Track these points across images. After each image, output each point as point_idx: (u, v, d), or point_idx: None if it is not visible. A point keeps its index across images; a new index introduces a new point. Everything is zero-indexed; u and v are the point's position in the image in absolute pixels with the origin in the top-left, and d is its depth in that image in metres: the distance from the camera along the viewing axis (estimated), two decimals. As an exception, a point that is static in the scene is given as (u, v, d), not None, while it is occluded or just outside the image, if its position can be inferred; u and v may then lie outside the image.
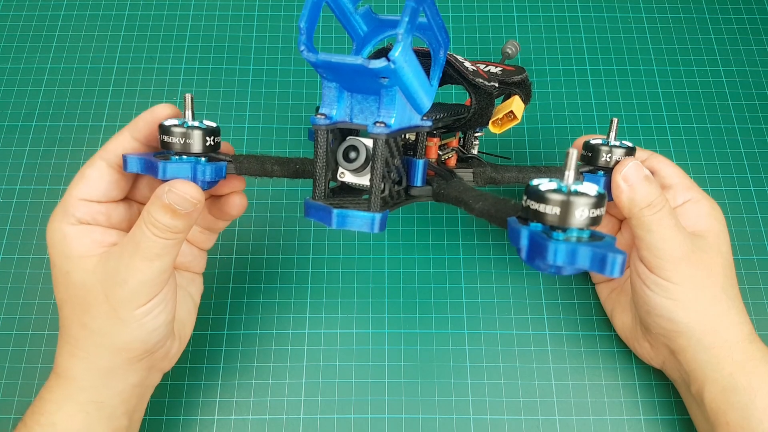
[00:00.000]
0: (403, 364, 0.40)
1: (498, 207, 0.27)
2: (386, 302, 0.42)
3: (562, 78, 0.50)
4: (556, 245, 0.22)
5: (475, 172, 0.35)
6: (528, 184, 0.25)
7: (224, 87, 0.49)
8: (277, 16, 0.52)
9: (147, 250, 0.29)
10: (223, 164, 0.31)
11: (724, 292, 0.33)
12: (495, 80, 0.35)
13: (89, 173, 0.31)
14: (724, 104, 0.49)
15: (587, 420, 0.38)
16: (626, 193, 0.33)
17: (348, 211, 0.27)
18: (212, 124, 0.31)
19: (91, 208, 0.31)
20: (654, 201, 0.32)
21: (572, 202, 0.23)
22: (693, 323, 0.33)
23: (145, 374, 0.32)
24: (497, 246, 0.44)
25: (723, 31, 0.52)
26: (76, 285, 0.30)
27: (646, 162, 0.36)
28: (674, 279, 0.33)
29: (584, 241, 0.23)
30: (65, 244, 0.30)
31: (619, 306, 0.38)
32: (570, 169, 0.24)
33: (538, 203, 0.24)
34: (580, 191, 0.23)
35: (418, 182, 0.32)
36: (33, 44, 0.50)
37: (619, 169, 0.33)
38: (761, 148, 0.47)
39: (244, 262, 0.43)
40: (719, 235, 0.35)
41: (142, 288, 0.29)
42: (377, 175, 0.28)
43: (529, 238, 0.24)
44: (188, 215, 0.29)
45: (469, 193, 0.30)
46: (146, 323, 0.30)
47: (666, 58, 0.51)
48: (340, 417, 0.38)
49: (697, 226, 0.35)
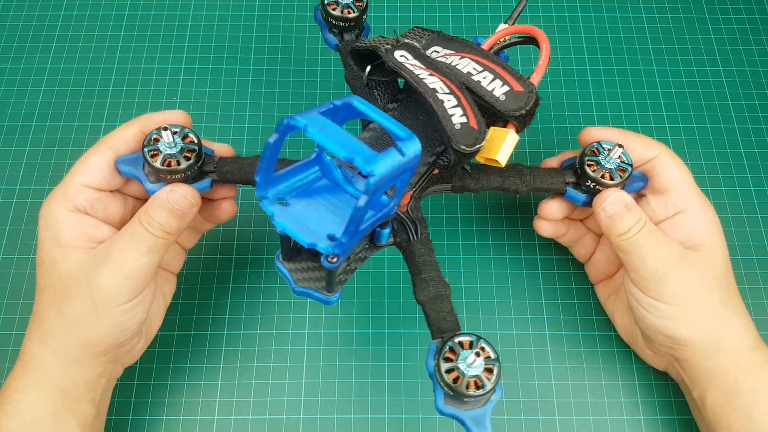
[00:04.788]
0: (403, 364, 0.40)
1: (432, 310, 0.30)
2: (386, 302, 0.42)
3: (562, 78, 0.50)
4: (443, 407, 0.27)
5: (454, 186, 0.35)
6: (444, 344, 0.28)
7: (224, 87, 0.49)
8: (277, 16, 0.52)
9: (139, 245, 0.30)
10: (208, 180, 0.33)
11: (722, 303, 0.33)
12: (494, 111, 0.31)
13: (95, 160, 0.32)
14: (724, 104, 0.49)
15: (587, 420, 0.38)
16: (605, 222, 0.33)
17: (307, 290, 0.30)
18: (194, 147, 0.32)
19: (91, 195, 0.32)
20: (632, 227, 0.32)
21: (463, 393, 0.26)
22: (694, 337, 0.33)
23: (109, 367, 0.32)
24: (497, 246, 0.44)
25: (723, 31, 0.52)
26: (60, 273, 0.30)
27: (651, 163, 0.35)
28: (666, 299, 0.32)
29: (470, 408, 0.27)
30: (57, 230, 0.31)
31: (618, 311, 0.38)
32: (476, 355, 0.27)
33: (438, 377, 0.27)
34: (476, 378, 0.27)
35: (383, 241, 0.33)
36: (33, 44, 0.50)
37: (599, 200, 0.33)
38: (761, 148, 0.47)
39: (244, 262, 0.43)
40: (713, 249, 0.34)
41: (126, 284, 0.30)
42: (331, 278, 0.29)
43: (434, 377, 0.28)
44: (183, 216, 0.31)
45: (419, 273, 0.31)
46: (123, 322, 0.30)
47: (666, 58, 0.51)
48: (340, 417, 0.38)
49: (691, 239, 0.34)
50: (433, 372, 0.28)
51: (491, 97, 0.31)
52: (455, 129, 0.29)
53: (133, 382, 0.39)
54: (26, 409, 0.30)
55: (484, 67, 0.32)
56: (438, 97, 0.30)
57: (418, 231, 0.32)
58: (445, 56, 0.33)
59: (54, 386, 0.30)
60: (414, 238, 0.32)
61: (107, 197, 0.32)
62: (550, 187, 0.35)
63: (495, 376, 0.27)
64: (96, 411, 0.32)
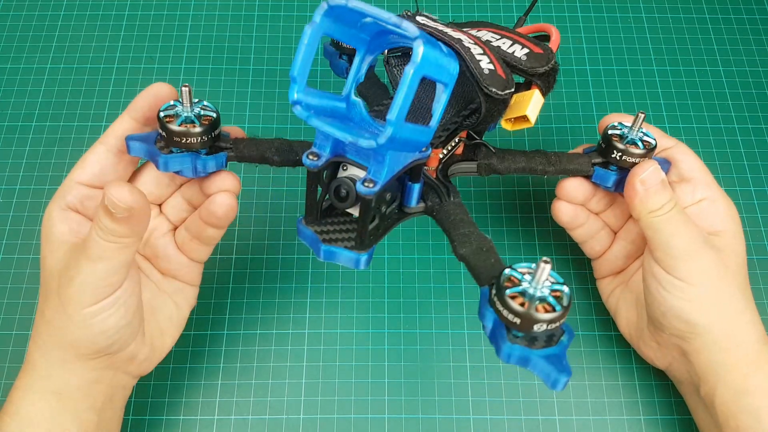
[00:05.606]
0: (403, 364, 0.40)
1: (478, 260, 0.27)
2: (386, 302, 0.42)
3: (562, 78, 0.50)
4: (511, 348, 0.24)
5: (479, 164, 0.34)
6: (501, 274, 0.25)
7: (224, 87, 0.49)
8: (277, 16, 0.52)
9: (89, 251, 0.28)
10: (223, 155, 0.31)
11: (740, 292, 0.33)
12: (517, 72, 0.32)
13: (89, 157, 0.32)
14: (724, 104, 0.49)
15: (587, 420, 0.38)
16: (640, 196, 0.33)
17: (335, 248, 0.28)
18: (212, 115, 0.31)
19: (80, 192, 0.31)
20: (664, 204, 0.32)
21: (532, 317, 0.23)
22: (710, 324, 0.32)
23: (106, 374, 0.31)
24: (497, 246, 0.43)
25: (723, 31, 0.52)
26: (45, 270, 0.30)
27: (670, 151, 0.36)
28: (690, 279, 0.32)
29: (540, 347, 0.24)
30: (49, 226, 0.31)
31: (624, 303, 0.38)
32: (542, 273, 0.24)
33: (501, 306, 0.24)
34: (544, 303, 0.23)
35: (413, 203, 0.31)
36: (33, 44, 0.50)
37: (637, 171, 0.33)
38: (761, 148, 0.47)
39: (244, 262, 0.43)
40: (735, 235, 0.34)
41: (85, 288, 0.29)
42: (364, 223, 0.28)
43: (493, 322, 0.25)
44: (127, 221, 0.27)
45: (457, 229, 0.29)
46: (94, 324, 0.29)
47: (666, 58, 0.51)
48: (340, 417, 0.38)
49: (714, 225, 0.34)
50: (489, 313, 0.24)
51: (513, 57, 0.32)
52: (485, 73, 0.29)
53: (133, 382, 0.39)
54: (23, 408, 0.30)
55: (501, 36, 0.33)
56: (464, 44, 0.30)
57: (450, 194, 0.32)
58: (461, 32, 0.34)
59: (47, 387, 0.30)
60: (446, 200, 0.31)
61: (99, 194, 0.32)
62: (577, 168, 0.35)
63: (566, 300, 0.24)
64: (98, 419, 0.32)
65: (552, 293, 0.24)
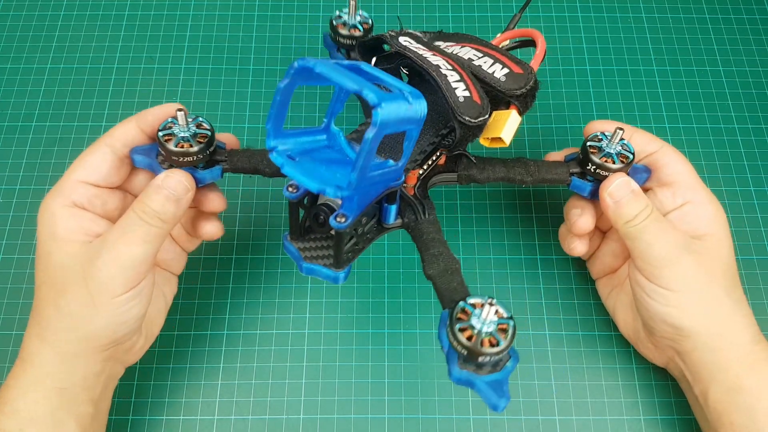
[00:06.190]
0: (403, 364, 0.40)
1: (442, 282, 0.30)
2: (386, 302, 0.42)
3: (562, 78, 0.50)
4: (459, 373, 0.26)
5: (459, 175, 0.36)
6: (456, 306, 0.27)
7: (224, 87, 0.49)
8: (277, 16, 0.52)
9: (133, 234, 0.30)
10: (218, 168, 0.34)
11: (727, 295, 0.33)
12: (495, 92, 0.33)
13: (92, 159, 0.32)
14: (724, 104, 0.49)
15: (587, 420, 0.38)
16: (611, 208, 0.33)
17: (315, 266, 0.31)
18: (207, 133, 0.33)
19: (89, 191, 0.32)
20: (639, 213, 0.33)
21: (477, 351, 0.26)
22: (698, 327, 0.33)
23: (108, 365, 0.32)
24: (497, 246, 0.44)
25: (723, 31, 0.52)
26: (56, 266, 0.30)
27: (656, 155, 0.36)
28: (672, 286, 0.32)
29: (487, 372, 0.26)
30: (52, 224, 0.31)
31: (621, 305, 0.38)
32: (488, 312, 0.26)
33: (452, 337, 0.26)
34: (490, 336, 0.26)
35: (390, 220, 0.33)
36: (33, 44, 0.50)
37: (605, 185, 0.34)
38: (761, 148, 0.47)
39: (244, 262, 0.43)
40: (720, 240, 0.34)
41: (121, 274, 0.30)
42: (339, 248, 0.30)
43: (447, 346, 0.27)
44: (178, 201, 0.31)
45: (428, 249, 0.31)
46: (120, 314, 0.30)
47: (666, 58, 0.51)
48: (340, 417, 0.38)
49: (698, 229, 0.34)
50: (445, 338, 0.27)
51: (492, 78, 0.32)
52: (459, 101, 0.31)
53: (133, 382, 0.39)
54: (23, 408, 0.30)
55: (483, 54, 0.34)
56: (441, 71, 0.31)
57: (425, 211, 0.33)
58: (446, 47, 0.35)
59: (51, 384, 0.30)
60: (421, 218, 0.33)
61: (105, 193, 0.33)
62: (555, 178, 0.36)
63: (510, 334, 0.26)
64: (94, 410, 0.32)
65: (499, 327, 0.26)
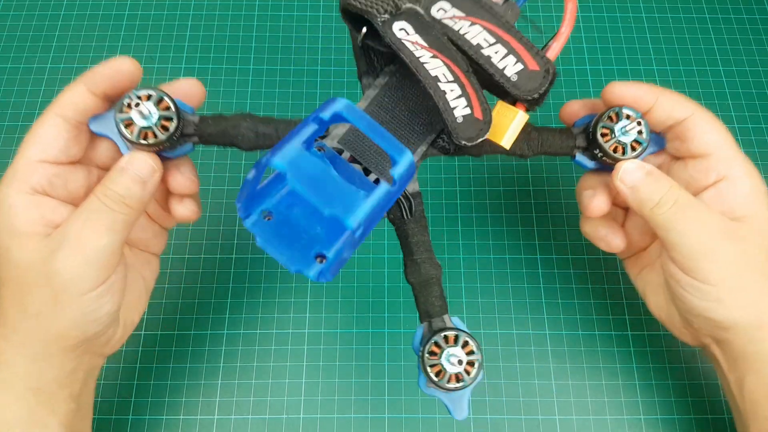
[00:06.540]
0: (403, 364, 0.40)
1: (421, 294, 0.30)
2: (386, 302, 0.42)
3: (563, 78, 0.50)
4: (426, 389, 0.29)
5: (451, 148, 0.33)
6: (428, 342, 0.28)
7: (224, 87, 0.49)
8: (277, 16, 0.52)
9: (97, 223, 0.27)
10: (189, 145, 0.31)
11: None
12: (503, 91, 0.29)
13: (44, 131, 0.28)
14: (724, 104, 0.49)
15: (587, 420, 0.38)
16: (630, 196, 0.30)
17: None
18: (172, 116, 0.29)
19: (48, 171, 0.28)
20: (663, 198, 0.29)
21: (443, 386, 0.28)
22: (739, 320, 0.30)
23: (83, 359, 0.30)
24: (497, 246, 0.44)
25: (723, 31, 0.52)
26: (17, 264, 0.27)
27: (686, 123, 0.31)
28: (711, 280, 0.29)
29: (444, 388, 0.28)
30: (10, 216, 0.27)
31: (651, 287, 0.34)
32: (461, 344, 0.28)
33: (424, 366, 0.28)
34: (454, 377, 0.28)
35: None
36: (33, 44, 0.50)
37: (615, 173, 0.31)
38: (761, 148, 0.47)
39: (244, 262, 0.43)
40: (762, 222, 0.30)
41: (86, 269, 0.27)
42: None
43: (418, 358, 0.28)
44: (144, 184, 0.28)
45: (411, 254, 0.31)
46: (89, 312, 0.28)
47: (666, 58, 0.51)
48: (340, 417, 0.38)
49: (735, 211, 0.30)
50: (418, 354, 0.29)
51: (502, 76, 0.29)
52: (457, 123, 0.28)
53: (133, 382, 0.39)
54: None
55: (496, 39, 0.29)
56: (440, 87, 0.28)
57: (413, 208, 0.31)
58: (453, 18, 0.30)
59: (23, 385, 0.28)
60: (408, 217, 0.31)
61: (66, 171, 0.29)
62: (558, 151, 0.33)
63: (475, 372, 0.28)
64: (76, 405, 0.30)
65: (467, 364, 0.28)
